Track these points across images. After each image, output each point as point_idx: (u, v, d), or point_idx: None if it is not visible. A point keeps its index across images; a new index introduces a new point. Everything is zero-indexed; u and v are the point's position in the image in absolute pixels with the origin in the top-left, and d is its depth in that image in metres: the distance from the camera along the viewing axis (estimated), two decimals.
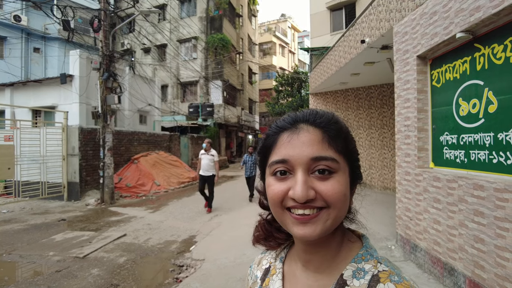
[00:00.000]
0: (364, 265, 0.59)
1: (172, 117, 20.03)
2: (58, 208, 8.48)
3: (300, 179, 0.55)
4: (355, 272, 0.59)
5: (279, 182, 0.58)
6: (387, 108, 10.00)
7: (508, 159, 2.93)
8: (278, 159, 0.58)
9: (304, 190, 0.54)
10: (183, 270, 4.46)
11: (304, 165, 0.56)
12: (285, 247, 0.75)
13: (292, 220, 0.57)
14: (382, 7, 5.50)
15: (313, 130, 0.59)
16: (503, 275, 2.78)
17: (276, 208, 0.59)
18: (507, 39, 2.94)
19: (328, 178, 0.56)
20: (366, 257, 0.61)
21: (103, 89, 9.03)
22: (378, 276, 0.57)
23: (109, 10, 9.47)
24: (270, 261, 0.74)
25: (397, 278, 0.55)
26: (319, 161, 0.56)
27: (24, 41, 16.59)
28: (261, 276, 0.73)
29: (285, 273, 0.69)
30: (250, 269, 0.80)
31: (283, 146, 0.59)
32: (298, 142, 0.57)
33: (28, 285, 3.94)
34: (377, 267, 0.58)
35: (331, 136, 0.58)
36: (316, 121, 0.60)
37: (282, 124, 0.62)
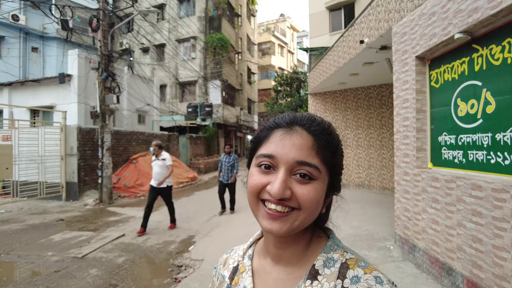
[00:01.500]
0: (333, 254, 0.63)
1: (171, 117, 20.00)
2: (56, 208, 8.46)
3: (280, 177, 0.58)
4: (325, 261, 0.62)
5: (261, 174, 0.61)
6: (386, 108, 10.01)
7: (506, 159, 2.95)
8: (266, 153, 0.61)
9: (281, 189, 0.57)
10: (182, 270, 4.46)
11: (288, 165, 0.59)
12: (251, 244, 0.77)
13: (263, 213, 0.60)
14: (381, 7, 5.51)
15: (306, 136, 0.61)
16: (500, 274, 2.79)
17: (252, 197, 0.62)
18: (505, 40, 2.95)
19: (307, 183, 0.59)
20: (334, 248, 0.64)
21: (101, 89, 9.02)
22: (346, 263, 0.61)
23: (108, 9, 9.46)
24: (238, 260, 0.76)
25: (363, 263, 0.60)
26: (303, 165, 0.59)
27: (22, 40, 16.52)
28: (229, 275, 0.74)
29: (254, 270, 0.71)
30: (216, 269, 0.81)
31: (274, 142, 0.61)
32: (289, 143, 0.60)
33: (26, 285, 3.93)
34: (344, 256, 0.62)
35: (320, 145, 0.61)
36: (311, 127, 0.62)
37: (279, 122, 0.65)
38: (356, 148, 10.75)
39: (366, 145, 10.55)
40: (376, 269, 0.59)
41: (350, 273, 0.58)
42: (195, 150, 18.34)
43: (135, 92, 13.85)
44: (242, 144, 29.31)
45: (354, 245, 4.97)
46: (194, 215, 7.69)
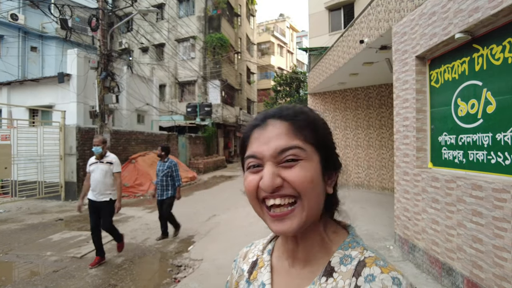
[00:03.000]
0: (351, 252, 0.61)
1: (170, 117, 19.97)
2: (55, 208, 8.44)
3: (267, 170, 0.58)
4: (342, 258, 0.60)
5: (253, 174, 0.61)
6: (386, 108, 10.01)
7: (507, 159, 2.94)
8: (249, 154, 0.62)
9: (270, 180, 0.56)
10: (181, 270, 4.45)
11: (271, 158, 0.59)
12: (271, 239, 0.77)
13: (269, 218, 0.59)
14: (381, 7, 5.50)
15: (279, 124, 0.61)
16: (501, 275, 2.78)
17: (253, 201, 0.62)
18: (506, 40, 2.95)
19: (294, 165, 0.58)
20: (353, 245, 0.62)
21: (101, 89, 9.00)
22: (364, 261, 0.58)
23: (107, 9, 9.44)
24: (257, 254, 0.75)
25: (382, 262, 0.57)
26: (286, 151, 0.58)
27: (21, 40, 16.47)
28: (248, 269, 0.74)
29: (273, 265, 0.70)
30: (235, 262, 0.81)
31: (254, 142, 0.62)
32: (265, 137, 0.60)
33: (25, 285, 3.92)
34: (364, 254, 0.60)
35: (297, 126, 0.61)
36: (282, 114, 0.62)
37: (254, 122, 0.65)
38: (356, 148, 10.75)
39: (366, 145, 10.54)
40: (395, 270, 0.56)
41: (365, 271, 0.56)
42: (194, 150, 18.32)
43: (134, 92, 13.83)
44: None
45: None
46: (194, 215, 7.68)
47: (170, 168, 5.70)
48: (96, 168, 4.59)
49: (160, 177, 5.67)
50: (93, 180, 4.59)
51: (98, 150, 4.53)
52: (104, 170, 4.57)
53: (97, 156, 4.60)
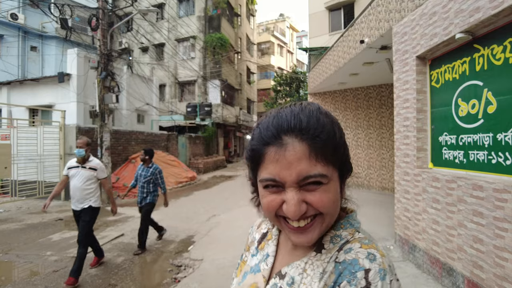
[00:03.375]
0: (342, 232, 0.65)
1: (170, 117, 19.97)
2: (55, 208, 8.43)
3: (291, 199, 0.57)
4: (332, 238, 0.65)
5: (272, 194, 0.60)
6: (386, 108, 10.01)
7: (507, 159, 2.94)
8: (268, 177, 0.59)
9: (297, 210, 0.57)
10: (181, 270, 4.44)
11: (294, 184, 0.58)
12: None
13: (288, 229, 0.61)
14: (381, 7, 5.50)
15: (299, 146, 0.57)
16: (501, 275, 2.78)
17: (272, 217, 0.63)
18: (507, 40, 2.95)
19: (317, 188, 0.58)
20: (345, 226, 0.66)
21: (101, 88, 8.99)
22: (350, 240, 0.63)
23: (107, 8, 9.43)
24: (269, 227, 0.82)
25: (367, 241, 0.61)
26: (308, 179, 0.57)
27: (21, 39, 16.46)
28: (258, 239, 0.81)
29: (280, 240, 0.76)
30: (251, 229, 0.88)
31: (271, 163, 0.59)
32: (285, 162, 0.57)
33: (25, 285, 3.91)
34: (354, 235, 0.64)
35: (318, 147, 0.58)
36: (302, 133, 0.58)
37: (267, 139, 0.60)
38: (356, 148, 10.75)
39: (366, 145, 10.54)
40: (377, 249, 0.58)
41: (347, 246, 0.61)
42: (194, 150, 18.31)
43: (134, 92, 13.82)
44: (242, 144, 29.29)
45: None
46: (194, 215, 7.68)
47: (154, 175, 5.25)
48: (76, 173, 4.10)
49: (142, 183, 5.19)
50: (72, 187, 4.10)
51: (81, 153, 4.04)
52: (86, 177, 4.11)
53: (79, 159, 4.12)
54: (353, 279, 0.54)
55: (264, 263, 0.73)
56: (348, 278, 0.55)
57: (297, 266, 0.65)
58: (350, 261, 0.57)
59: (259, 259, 0.75)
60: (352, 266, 0.56)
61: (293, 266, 0.65)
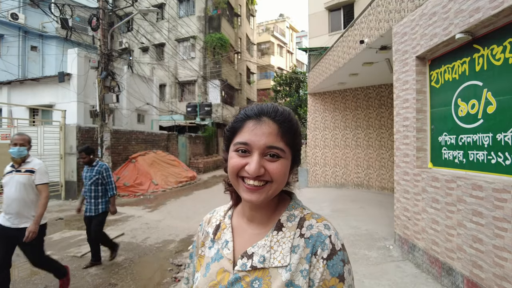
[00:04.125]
0: (294, 211, 0.82)
1: (170, 117, 19.97)
2: (55, 207, 8.44)
3: (255, 160, 0.73)
4: (288, 217, 0.81)
5: (239, 157, 0.76)
6: (385, 108, 10.02)
7: (507, 159, 2.95)
8: (242, 141, 0.76)
9: (257, 168, 0.73)
10: (181, 269, 4.46)
11: (260, 149, 0.74)
12: (230, 207, 0.94)
13: (243, 188, 0.76)
14: (381, 7, 5.51)
15: (272, 124, 0.76)
16: (501, 274, 2.79)
17: (233, 176, 0.78)
18: (507, 40, 2.95)
19: (275, 161, 0.75)
20: (295, 206, 0.84)
21: (101, 88, 9.00)
22: (304, 217, 0.81)
23: (108, 8, 9.44)
24: (220, 219, 0.92)
25: (316, 215, 0.81)
26: (272, 149, 0.74)
27: (21, 39, 16.47)
28: (212, 231, 0.90)
29: (233, 227, 0.87)
30: (201, 226, 0.97)
31: (247, 132, 0.76)
32: (259, 132, 0.75)
33: (25, 284, 3.93)
34: (303, 212, 0.82)
35: (283, 131, 0.77)
36: (276, 117, 0.77)
37: (250, 113, 0.78)
38: (355, 148, 10.75)
39: (365, 145, 10.55)
40: (325, 220, 0.80)
41: (306, 223, 0.79)
42: (194, 150, 18.32)
43: (134, 91, 13.83)
44: None
45: (354, 245, 4.97)
46: (194, 214, 7.69)
47: (100, 173, 4.40)
48: (10, 180, 3.16)
49: (88, 186, 4.35)
50: (6, 198, 3.13)
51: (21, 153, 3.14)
52: (22, 182, 3.14)
53: (17, 160, 3.18)
54: (323, 245, 0.74)
55: (226, 249, 0.83)
56: (321, 246, 0.74)
57: (263, 245, 0.78)
58: (317, 234, 0.76)
59: (218, 247, 0.85)
60: (319, 237, 0.75)
61: (259, 246, 0.78)
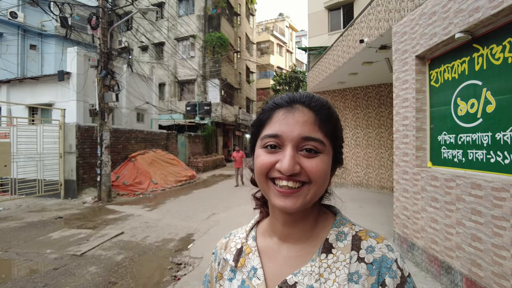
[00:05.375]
0: (343, 228, 0.66)
1: (170, 116, 19.97)
2: (54, 206, 8.44)
3: (288, 154, 0.59)
4: (337, 235, 0.65)
5: (268, 154, 0.62)
6: (385, 108, 10.04)
7: (506, 158, 2.96)
8: (271, 133, 0.62)
9: (291, 164, 0.58)
10: (181, 268, 4.46)
11: (294, 142, 0.60)
12: (253, 226, 0.78)
13: (275, 192, 0.61)
14: (381, 7, 5.51)
15: (307, 112, 0.62)
16: (500, 273, 2.80)
17: (261, 178, 0.63)
18: (506, 40, 2.96)
19: (314, 156, 0.61)
20: (343, 222, 0.68)
21: (100, 87, 8.99)
22: (357, 235, 0.65)
23: (107, 7, 9.42)
24: (241, 242, 0.75)
25: (373, 234, 0.65)
26: (308, 141, 0.60)
27: (20, 38, 16.44)
28: (233, 257, 0.73)
29: (260, 250, 0.71)
30: (215, 255, 0.80)
31: (277, 122, 0.63)
32: (292, 121, 0.61)
33: (25, 282, 3.92)
34: (354, 229, 0.66)
35: (322, 119, 0.63)
36: (311, 104, 0.64)
37: (279, 102, 0.65)
38: (355, 147, 10.77)
39: (365, 145, 10.56)
40: (385, 239, 0.64)
41: (364, 244, 0.63)
42: (193, 149, 18.31)
43: (134, 90, 13.82)
44: (241, 143, 29.28)
45: None
46: (193, 213, 7.69)
47: None
48: None
49: None
50: None
51: None
52: None
53: None
54: (392, 272, 0.59)
55: (255, 279, 0.66)
56: (389, 273, 0.59)
57: (309, 273, 0.62)
58: (381, 258, 0.60)
59: (243, 277, 0.68)
60: (385, 262, 0.60)
61: (304, 274, 0.62)
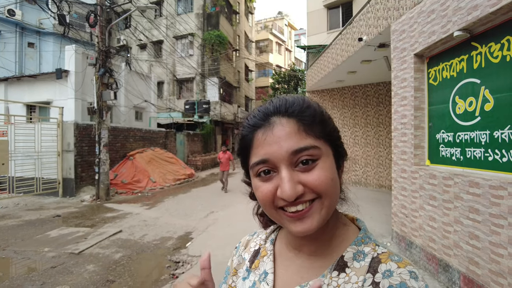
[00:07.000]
0: (364, 247, 0.59)
1: (168, 114, 19.93)
2: (53, 204, 8.42)
3: (285, 177, 0.53)
4: (355, 254, 0.59)
5: (265, 182, 0.56)
6: (383, 106, 10.04)
7: (504, 156, 2.96)
8: (258, 160, 0.56)
9: (291, 189, 0.52)
10: (179, 266, 4.46)
11: (285, 160, 0.54)
12: (274, 229, 0.75)
13: (287, 218, 0.56)
14: (380, 5, 5.51)
15: (286, 122, 0.56)
16: (497, 271, 2.81)
17: (270, 210, 0.58)
18: (504, 38, 2.96)
19: (312, 167, 0.54)
20: (366, 240, 0.61)
21: (99, 85, 8.96)
22: (378, 257, 0.57)
23: (106, 5, 9.38)
24: (260, 243, 0.73)
25: (396, 258, 0.57)
26: (300, 152, 0.54)
27: (18, 35, 16.37)
28: (249, 258, 0.72)
29: (276, 255, 0.68)
30: (237, 249, 0.79)
31: (260, 145, 0.57)
32: (274, 138, 0.55)
33: (22, 281, 3.91)
34: (376, 250, 0.59)
35: (306, 123, 0.56)
36: (288, 110, 0.57)
37: (254, 122, 0.59)
38: (353, 146, 10.77)
39: (363, 143, 10.57)
40: (410, 264, 0.55)
41: (382, 267, 0.55)
42: (192, 147, 18.29)
43: (132, 89, 13.78)
44: None
45: None
46: (192, 211, 7.68)
47: None
48: None
49: None
50: None
51: None
52: None
53: None
54: None
55: (264, 283, 0.64)
56: None
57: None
58: (399, 286, 0.51)
59: (255, 280, 0.67)
60: None
61: None
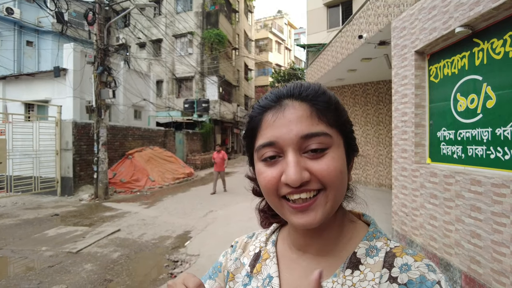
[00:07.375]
0: (376, 242, 0.57)
1: (167, 113, 19.88)
2: (51, 203, 8.38)
3: (291, 161, 0.50)
4: (368, 250, 0.56)
5: (270, 167, 0.53)
6: (383, 105, 10.00)
7: (506, 154, 2.93)
8: (264, 142, 0.53)
9: (297, 173, 0.49)
10: (177, 265, 4.42)
11: (294, 145, 0.51)
12: (275, 230, 0.70)
13: (290, 209, 0.52)
14: (380, 2, 5.46)
15: (299, 105, 0.53)
16: (499, 270, 2.77)
17: (272, 198, 0.54)
18: (507, 34, 2.92)
19: (322, 156, 0.51)
20: (377, 235, 0.58)
21: (97, 83, 8.91)
22: (392, 252, 0.55)
23: (104, 3, 9.33)
24: (260, 246, 0.68)
25: (411, 251, 0.54)
26: (310, 138, 0.51)
27: (16, 34, 16.31)
28: (249, 262, 0.67)
29: (279, 257, 0.64)
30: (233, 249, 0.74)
31: (268, 127, 0.53)
32: (284, 121, 0.52)
33: (20, 280, 3.88)
34: (388, 244, 0.56)
35: (320, 109, 0.53)
36: (301, 94, 0.54)
37: (265, 103, 0.56)
38: None
39: (363, 142, 10.53)
40: (424, 257, 0.53)
41: (398, 261, 0.53)
42: (191, 146, 18.26)
43: (131, 87, 13.74)
44: (239, 140, 29.24)
45: None
46: (191, 210, 7.65)
47: None
48: None
49: None
50: None
51: None
52: None
53: None
54: None
55: None
56: None
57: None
58: (419, 279, 0.49)
59: (257, 285, 0.62)
60: (424, 284, 0.49)
61: None
